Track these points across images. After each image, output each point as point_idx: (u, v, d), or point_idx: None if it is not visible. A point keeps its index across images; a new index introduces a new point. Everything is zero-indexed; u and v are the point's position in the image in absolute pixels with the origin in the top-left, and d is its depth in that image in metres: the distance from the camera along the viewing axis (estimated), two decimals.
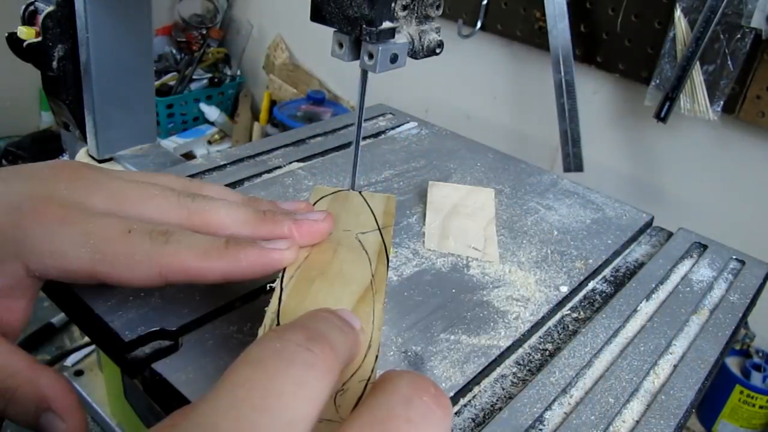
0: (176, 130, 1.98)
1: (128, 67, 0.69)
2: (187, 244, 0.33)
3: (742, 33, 0.96)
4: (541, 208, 0.61)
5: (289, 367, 0.23)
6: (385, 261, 0.39)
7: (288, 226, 0.37)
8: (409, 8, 0.43)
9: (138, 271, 0.33)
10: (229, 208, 0.38)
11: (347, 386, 0.28)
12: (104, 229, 0.34)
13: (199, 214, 0.37)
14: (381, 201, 0.46)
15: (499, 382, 0.41)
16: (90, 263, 0.33)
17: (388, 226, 0.43)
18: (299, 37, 1.91)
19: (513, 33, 1.28)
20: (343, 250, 0.40)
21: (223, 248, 0.34)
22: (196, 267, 0.33)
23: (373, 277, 0.37)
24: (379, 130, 0.75)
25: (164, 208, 0.36)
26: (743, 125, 1.05)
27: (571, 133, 1.08)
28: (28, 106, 2.05)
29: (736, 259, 0.57)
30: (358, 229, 0.42)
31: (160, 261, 0.33)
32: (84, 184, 0.36)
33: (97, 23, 0.64)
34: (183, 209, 0.37)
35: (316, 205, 0.45)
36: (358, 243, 0.41)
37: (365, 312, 0.34)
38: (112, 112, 0.70)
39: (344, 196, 0.46)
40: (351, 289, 0.36)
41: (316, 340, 0.24)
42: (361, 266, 0.38)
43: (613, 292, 0.51)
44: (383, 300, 0.35)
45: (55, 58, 0.65)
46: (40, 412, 0.32)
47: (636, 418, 0.39)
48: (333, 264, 0.38)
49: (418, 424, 0.23)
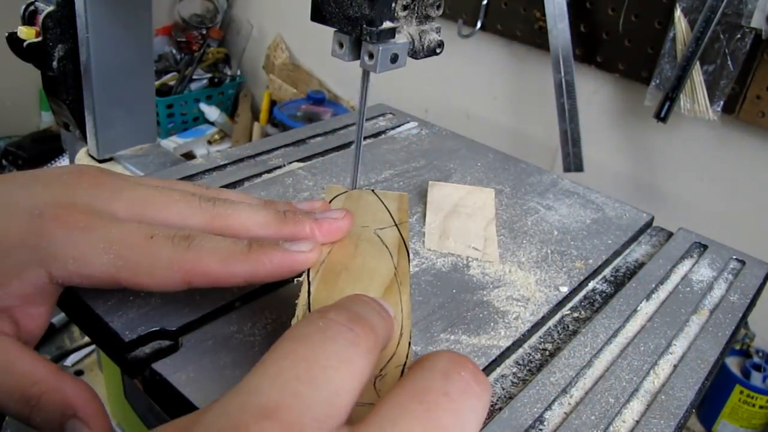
0: (176, 130, 1.98)
1: (128, 67, 0.69)
2: (210, 249, 0.33)
3: (742, 33, 0.96)
4: (541, 208, 0.61)
5: (332, 344, 0.23)
6: (406, 255, 0.40)
7: (309, 225, 0.38)
8: (410, 8, 0.43)
9: (161, 277, 0.33)
10: (250, 210, 0.38)
11: (385, 371, 0.29)
12: (127, 235, 0.34)
13: (220, 218, 0.37)
14: (394, 198, 0.47)
15: (499, 382, 0.41)
16: (113, 269, 0.33)
17: (404, 222, 0.44)
18: (299, 37, 1.91)
19: (513, 33, 1.28)
20: (364, 245, 0.41)
21: (246, 251, 0.34)
22: (220, 272, 0.33)
23: (396, 270, 0.38)
24: (379, 130, 0.75)
25: (186, 212, 0.37)
26: (743, 125, 1.05)
27: (571, 133, 1.08)
28: (28, 106, 2.05)
29: (736, 259, 0.57)
30: (376, 225, 0.43)
31: (183, 266, 0.33)
32: (105, 190, 0.36)
33: (97, 23, 0.64)
34: (205, 213, 0.37)
35: (332, 203, 0.46)
36: (378, 238, 0.42)
37: (394, 301, 0.35)
38: (112, 112, 0.70)
39: (358, 194, 0.47)
40: (377, 282, 0.37)
41: (358, 321, 0.25)
42: (383, 260, 0.39)
43: (613, 292, 0.51)
44: (409, 291, 0.36)
45: (55, 58, 0.65)
46: (65, 420, 0.33)
47: (636, 418, 0.39)
48: (356, 259, 0.39)
49: (455, 399, 0.23)
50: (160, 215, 0.36)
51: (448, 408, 0.22)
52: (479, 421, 0.24)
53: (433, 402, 0.22)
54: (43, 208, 0.34)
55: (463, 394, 0.23)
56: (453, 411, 0.22)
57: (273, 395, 0.21)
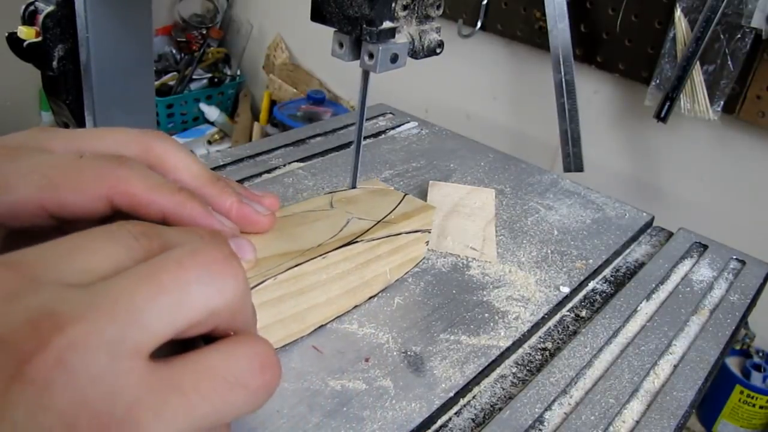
0: (176, 130, 1.98)
1: (128, 67, 0.69)
2: (140, 173, 0.33)
3: (742, 33, 0.96)
4: (541, 208, 0.61)
5: (106, 238, 0.23)
6: (345, 241, 0.41)
7: (231, 202, 0.37)
8: (410, 8, 0.43)
9: (85, 192, 0.32)
10: (188, 156, 0.37)
11: None
12: (54, 158, 0.33)
13: (157, 151, 0.36)
14: (414, 205, 0.48)
15: (499, 382, 0.41)
16: (36, 191, 0.32)
17: (395, 223, 0.45)
18: (299, 37, 1.91)
19: (513, 33, 1.28)
20: (323, 222, 0.43)
21: (174, 190, 0.33)
22: (144, 197, 0.32)
23: (317, 247, 0.40)
24: (379, 130, 0.75)
25: (122, 141, 0.36)
26: (743, 125, 1.05)
27: (571, 133, 1.08)
28: (28, 106, 2.05)
29: (737, 259, 0.57)
30: (361, 215, 0.45)
31: (108, 181, 0.32)
32: (45, 133, 0.36)
33: (97, 23, 0.64)
34: (141, 144, 0.36)
35: (362, 185, 0.49)
36: (345, 223, 0.43)
37: (272, 262, 0.37)
38: (112, 112, 0.70)
39: (386, 192, 0.50)
40: (283, 246, 0.39)
41: (150, 238, 0.24)
42: (317, 237, 0.41)
43: (614, 292, 0.51)
44: (299, 263, 0.38)
45: (55, 58, 0.65)
46: None
47: (636, 418, 0.39)
48: (299, 228, 0.41)
49: (187, 267, 0.22)
50: (94, 145, 0.35)
51: (172, 271, 0.22)
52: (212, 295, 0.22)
53: (162, 267, 0.22)
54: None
55: (199, 266, 0.22)
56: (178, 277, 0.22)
57: (23, 255, 0.21)
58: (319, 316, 0.42)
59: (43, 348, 0.18)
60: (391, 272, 0.47)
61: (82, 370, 0.19)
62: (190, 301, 0.22)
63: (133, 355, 0.20)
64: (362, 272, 0.44)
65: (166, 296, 0.21)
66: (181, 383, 0.21)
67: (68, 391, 0.18)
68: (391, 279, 0.47)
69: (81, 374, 0.19)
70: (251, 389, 0.22)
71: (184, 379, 0.21)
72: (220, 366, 0.22)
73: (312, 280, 0.40)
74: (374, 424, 0.36)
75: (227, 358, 0.22)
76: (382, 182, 0.52)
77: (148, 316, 0.20)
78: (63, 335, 0.19)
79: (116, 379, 0.19)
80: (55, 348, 0.19)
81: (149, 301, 0.21)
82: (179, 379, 0.21)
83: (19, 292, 0.20)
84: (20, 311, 0.19)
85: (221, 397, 0.21)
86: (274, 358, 0.23)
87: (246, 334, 0.24)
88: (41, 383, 0.18)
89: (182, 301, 0.21)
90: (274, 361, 0.23)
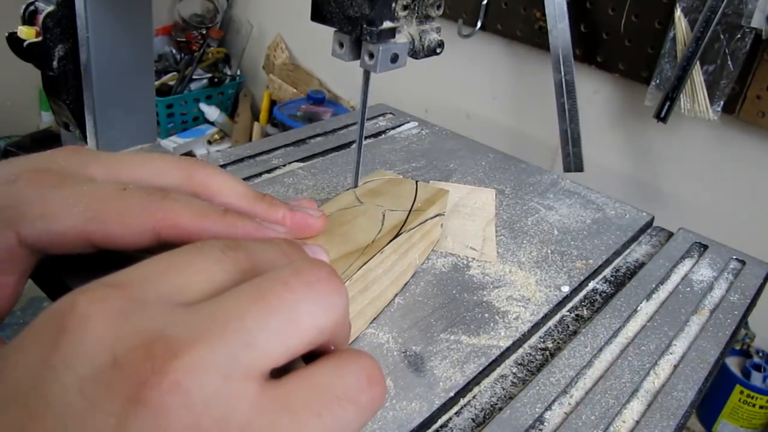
0: (176, 130, 1.98)
1: (128, 67, 0.69)
2: (185, 203, 0.33)
3: (742, 33, 0.96)
4: (541, 208, 0.61)
5: (197, 255, 0.23)
6: (394, 234, 0.42)
7: (283, 212, 0.38)
8: (410, 8, 0.43)
9: (131, 226, 0.32)
10: (231, 178, 0.37)
11: None
12: (98, 189, 0.33)
13: (199, 177, 0.36)
14: (430, 191, 0.50)
15: (499, 382, 0.41)
16: (82, 222, 0.32)
17: (423, 210, 0.46)
18: (299, 37, 1.91)
19: (513, 33, 1.28)
20: (363, 218, 0.43)
21: (221, 214, 0.33)
22: (191, 226, 0.32)
23: (372, 243, 0.40)
24: (380, 130, 0.75)
25: (163, 168, 0.36)
26: (743, 125, 1.05)
27: (571, 133, 1.08)
28: (28, 106, 2.05)
29: (737, 259, 0.57)
30: (392, 207, 0.46)
31: (155, 215, 0.32)
32: (83, 156, 0.36)
33: (98, 23, 0.64)
34: (182, 171, 0.36)
35: (368, 183, 0.49)
36: (381, 216, 0.44)
37: (342, 264, 0.38)
38: (112, 112, 0.70)
39: (399, 181, 0.51)
40: (345, 247, 0.40)
41: (233, 249, 0.24)
42: (367, 233, 0.42)
43: (614, 292, 0.51)
44: (365, 262, 0.39)
45: (55, 58, 0.65)
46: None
47: (636, 418, 0.39)
48: (343, 227, 0.42)
49: (295, 289, 0.22)
50: (135, 173, 0.35)
51: (279, 292, 0.22)
52: (320, 314, 0.22)
53: (269, 288, 0.22)
54: (19, 174, 0.34)
55: (305, 286, 0.22)
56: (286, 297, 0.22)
57: (125, 276, 0.22)
58: (373, 309, 0.43)
59: (159, 372, 0.19)
60: (420, 257, 0.49)
61: (197, 394, 0.19)
62: (300, 320, 0.22)
63: (245, 377, 0.20)
64: (402, 261, 0.45)
65: (275, 317, 0.21)
66: (293, 402, 0.21)
67: (183, 416, 0.19)
68: (419, 264, 0.49)
69: (195, 398, 0.19)
70: (360, 404, 0.22)
71: (294, 398, 0.21)
72: (329, 383, 0.22)
73: (372, 276, 0.41)
74: (374, 423, 0.36)
75: (336, 375, 0.22)
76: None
77: (259, 337, 0.20)
78: (178, 360, 0.19)
79: (229, 402, 0.19)
80: (171, 372, 0.19)
81: (259, 322, 0.21)
82: (290, 399, 0.21)
83: (129, 314, 0.20)
84: (132, 334, 0.20)
85: (332, 414, 0.21)
86: (379, 371, 0.23)
87: (350, 349, 0.24)
88: (158, 407, 0.18)
89: (291, 321, 0.21)
90: (379, 375, 0.23)
